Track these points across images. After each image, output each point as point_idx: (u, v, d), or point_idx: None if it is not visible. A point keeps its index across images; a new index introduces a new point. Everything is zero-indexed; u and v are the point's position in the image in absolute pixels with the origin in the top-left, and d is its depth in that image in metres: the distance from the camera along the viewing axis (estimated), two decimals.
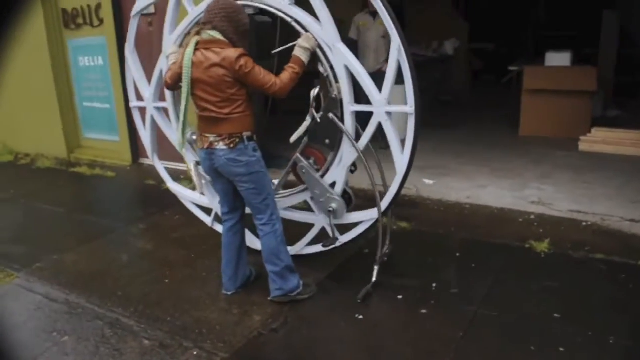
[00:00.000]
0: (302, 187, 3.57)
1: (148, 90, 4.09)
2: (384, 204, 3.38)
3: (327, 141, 3.37)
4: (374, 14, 6.25)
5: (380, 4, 3.03)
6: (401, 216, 4.42)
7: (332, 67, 3.23)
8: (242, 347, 2.87)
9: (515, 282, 3.39)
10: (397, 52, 3.05)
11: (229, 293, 3.40)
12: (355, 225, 3.53)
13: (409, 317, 3.06)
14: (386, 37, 6.25)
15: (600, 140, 6.17)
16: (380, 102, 3.16)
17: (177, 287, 3.54)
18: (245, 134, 3.04)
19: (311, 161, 3.47)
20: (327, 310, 3.24)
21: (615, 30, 8.35)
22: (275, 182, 3.70)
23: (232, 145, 3.01)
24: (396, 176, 3.27)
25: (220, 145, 3.02)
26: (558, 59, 7.00)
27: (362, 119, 3.31)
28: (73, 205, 5.51)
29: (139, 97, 4.21)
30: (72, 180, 6.47)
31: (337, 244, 3.54)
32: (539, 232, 4.06)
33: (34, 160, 7.28)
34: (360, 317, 3.06)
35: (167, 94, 3.82)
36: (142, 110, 4.23)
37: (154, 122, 4.15)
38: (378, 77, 3.49)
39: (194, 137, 3.63)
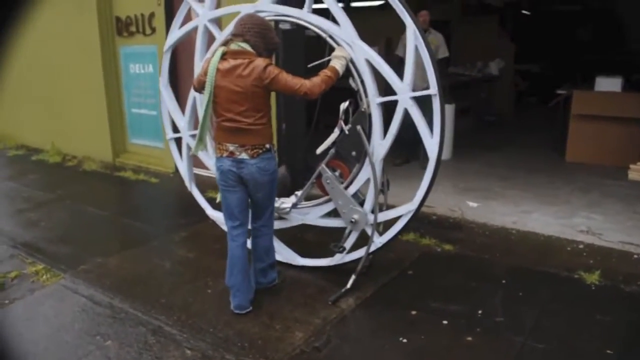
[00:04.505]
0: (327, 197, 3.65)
1: (183, 121, 4.23)
2: (420, 192, 3.37)
3: (354, 153, 3.46)
4: (424, 31, 6.21)
5: None
6: (445, 238, 4.36)
7: (362, 82, 3.34)
8: None
9: (564, 314, 3.28)
10: (414, 37, 3.17)
11: (246, 312, 3.32)
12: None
13: (454, 343, 2.98)
14: (435, 54, 6.24)
15: None
16: (403, 89, 3.25)
17: (219, 298, 3.54)
18: (268, 144, 3.15)
19: (337, 173, 3.56)
20: (370, 331, 3.20)
21: None
22: (298, 193, 3.74)
23: (255, 155, 3.10)
24: (429, 162, 3.29)
25: (243, 155, 3.10)
26: (608, 84, 6.83)
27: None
28: (117, 209, 5.61)
29: (175, 130, 4.40)
30: (117, 184, 6.60)
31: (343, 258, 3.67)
32: (588, 263, 3.94)
33: (81, 163, 7.46)
34: (404, 340, 3.00)
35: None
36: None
37: (189, 151, 4.28)
38: (426, 96, 3.50)
39: None
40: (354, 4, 9.15)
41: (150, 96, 6.89)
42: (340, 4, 3.48)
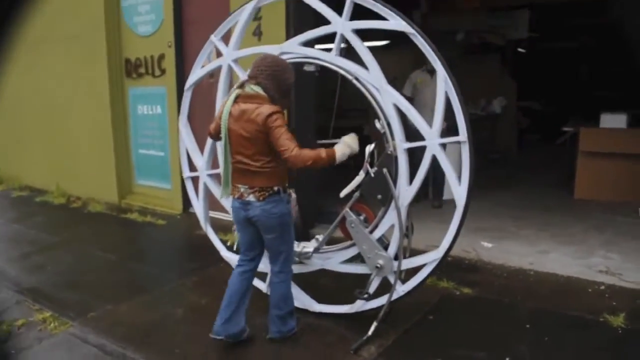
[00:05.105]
0: (351, 242, 3.54)
1: (201, 160, 4.18)
2: (447, 240, 3.30)
3: (379, 196, 3.39)
4: (432, 71, 6.24)
5: (422, 40, 3.15)
6: (463, 281, 4.27)
7: (389, 125, 3.29)
8: None
9: None
10: (444, 84, 3.11)
11: (218, 337, 3.31)
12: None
13: None
14: None
15: None
16: (432, 135, 3.20)
17: (236, 347, 3.41)
18: (277, 187, 3.12)
19: (361, 217, 3.44)
20: None
21: None
22: (320, 237, 3.66)
23: (261, 198, 3.09)
24: (456, 209, 3.21)
25: (251, 197, 3.10)
26: (613, 121, 6.87)
27: None
28: (125, 253, 5.50)
29: (192, 169, 4.32)
30: (123, 226, 6.49)
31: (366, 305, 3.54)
32: (612, 305, 3.84)
33: (86, 204, 7.37)
34: None
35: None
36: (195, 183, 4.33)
37: (206, 190, 4.22)
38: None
39: None
40: None
41: (158, 137, 6.87)
42: (343, 44, 3.46)
